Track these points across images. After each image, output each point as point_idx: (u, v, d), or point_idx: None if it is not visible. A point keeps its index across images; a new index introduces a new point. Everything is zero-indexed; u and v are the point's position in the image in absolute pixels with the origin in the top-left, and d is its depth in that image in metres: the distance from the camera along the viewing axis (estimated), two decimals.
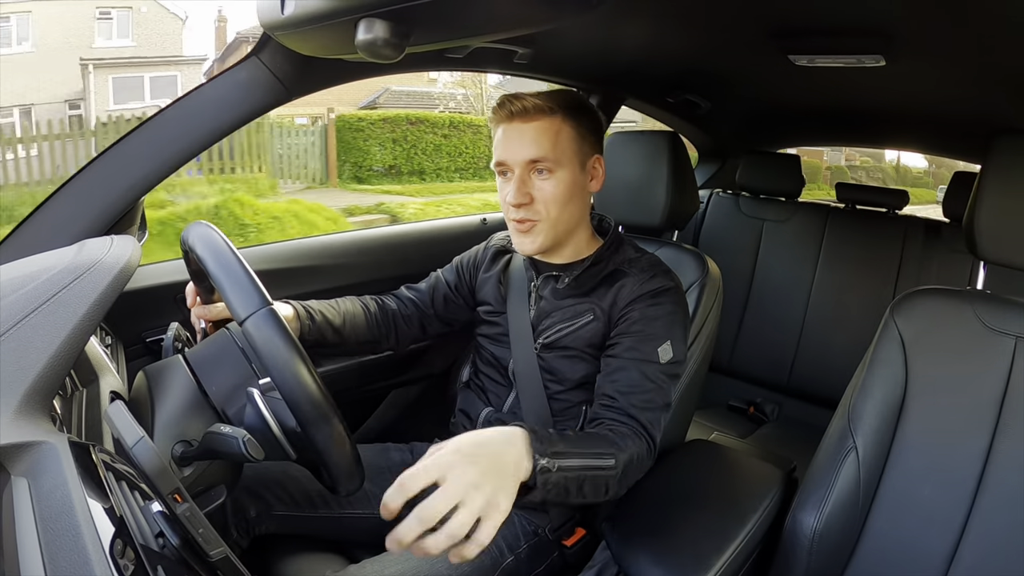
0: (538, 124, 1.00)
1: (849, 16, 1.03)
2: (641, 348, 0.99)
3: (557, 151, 1.00)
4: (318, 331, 1.08)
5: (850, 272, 2.09)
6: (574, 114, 1.03)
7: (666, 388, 0.98)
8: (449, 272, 1.27)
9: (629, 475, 0.88)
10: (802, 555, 0.97)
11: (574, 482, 0.79)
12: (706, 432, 1.97)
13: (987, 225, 0.95)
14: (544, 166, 1.01)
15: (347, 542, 1.14)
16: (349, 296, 1.21)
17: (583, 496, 0.82)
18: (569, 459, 0.78)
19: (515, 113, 1.01)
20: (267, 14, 0.83)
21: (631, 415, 0.93)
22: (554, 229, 1.04)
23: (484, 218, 1.92)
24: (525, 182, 1.01)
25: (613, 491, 0.87)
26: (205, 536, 0.56)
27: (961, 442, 0.95)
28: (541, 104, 1.00)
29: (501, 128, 1.03)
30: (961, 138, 1.94)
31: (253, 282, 0.69)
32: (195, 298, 0.97)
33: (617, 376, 0.98)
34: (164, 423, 0.73)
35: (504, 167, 1.03)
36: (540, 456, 0.74)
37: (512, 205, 1.02)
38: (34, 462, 0.52)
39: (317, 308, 1.10)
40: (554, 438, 0.78)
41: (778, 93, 1.79)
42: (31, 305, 0.61)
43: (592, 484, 0.82)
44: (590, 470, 0.81)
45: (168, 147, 1.04)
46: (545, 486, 0.75)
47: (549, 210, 1.02)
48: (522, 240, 1.05)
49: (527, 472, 0.73)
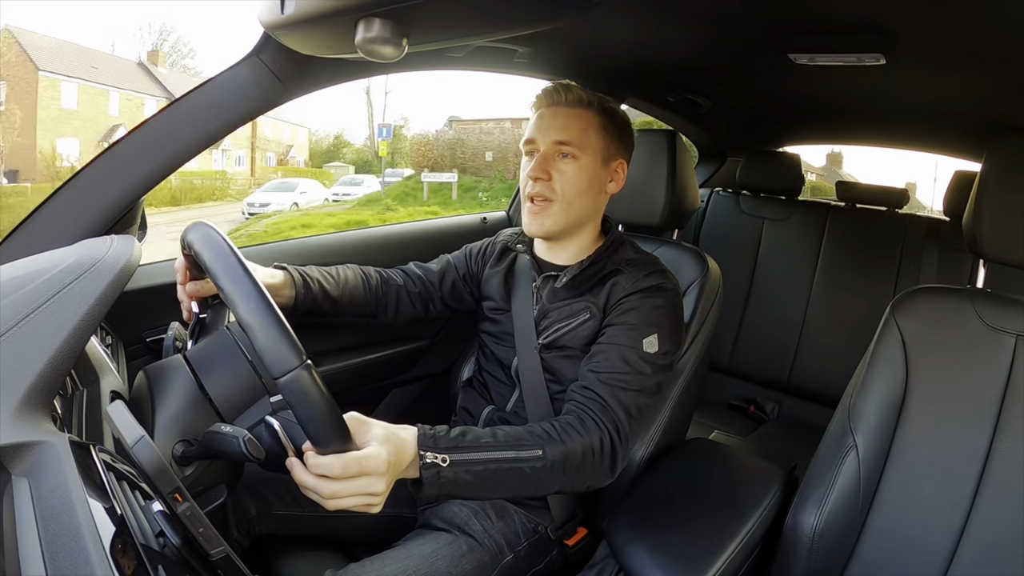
0: (572, 112, 1.06)
1: (849, 15, 1.03)
2: (626, 335, 0.99)
3: (583, 139, 1.05)
4: (312, 299, 1.08)
5: (850, 271, 2.09)
6: (607, 115, 1.09)
7: (646, 375, 0.97)
8: (459, 258, 1.28)
9: (583, 465, 0.88)
10: (802, 554, 0.97)
11: (481, 476, 0.79)
12: (706, 431, 1.97)
13: (987, 223, 0.95)
14: (569, 150, 1.05)
15: (347, 541, 1.14)
16: (352, 264, 1.21)
17: (508, 488, 0.83)
18: (467, 453, 0.79)
19: (556, 100, 1.07)
20: (267, 13, 0.83)
21: (598, 396, 0.93)
22: (566, 214, 1.06)
23: (484, 217, 1.93)
24: (548, 159, 1.06)
25: (561, 481, 0.87)
26: (206, 535, 0.56)
27: (961, 440, 0.95)
28: (581, 95, 1.07)
29: (539, 112, 1.09)
30: (961, 136, 1.94)
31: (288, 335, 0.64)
32: (186, 275, 0.91)
33: (596, 359, 0.99)
34: (165, 422, 0.73)
35: (532, 145, 1.08)
36: (425, 451, 0.76)
37: (531, 178, 1.06)
38: (35, 462, 0.52)
39: (315, 276, 1.10)
40: (449, 436, 0.80)
41: (778, 92, 1.78)
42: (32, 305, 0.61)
43: (511, 477, 0.82)
44: (503, 461, 0.81)
45: (168, 147, 1.03)
46: (438, 481, 0.76)
47: (565, 192, 1.05)
48: (531, 221, 1.07)
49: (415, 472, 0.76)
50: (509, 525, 1.07)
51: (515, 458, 0.82)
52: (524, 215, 1.09)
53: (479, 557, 1.01)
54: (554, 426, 0.89)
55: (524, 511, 1.10)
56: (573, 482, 0.88)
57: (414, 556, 0.97)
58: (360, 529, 1.13)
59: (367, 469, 0.68)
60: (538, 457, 0.84)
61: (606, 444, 0.90)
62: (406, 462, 0.75)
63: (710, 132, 2.30)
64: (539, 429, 0.88)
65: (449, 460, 0.77)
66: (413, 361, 1.62)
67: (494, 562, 1.03)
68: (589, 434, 0.89)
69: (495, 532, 1.05)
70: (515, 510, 1.09)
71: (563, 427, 0.89)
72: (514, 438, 0.85)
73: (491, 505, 1.08)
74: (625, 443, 0.93)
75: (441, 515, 1.07)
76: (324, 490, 0.67)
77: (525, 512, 1.10)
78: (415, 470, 0.76)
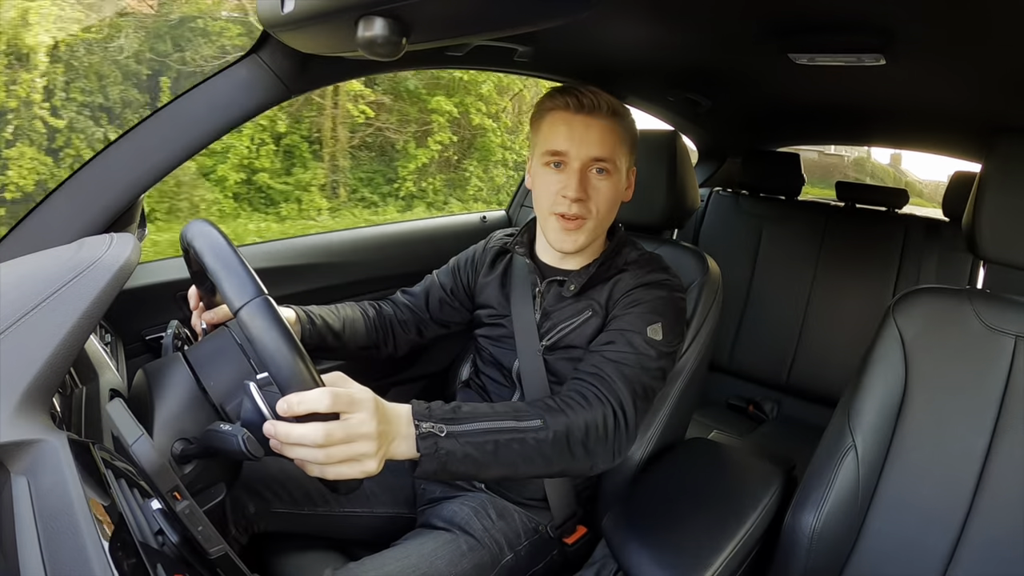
0: (605, 124, 1.01)
1: (849, 15, 1.03)
2: (630, 323, 0.97)
3: (616, 154, 1.02)
4: (319, 335, 1.08)
5: (850, 271, 2.09)
6: (624, 123, 1.04)
7: (651, 356, 0.95)
8: (445, 275, 1.26)
9: (588, 440, 0.84)
10: (801, 554, 0.97)
11: (481, 447, 0.76)
12: (705, 431, 1.97)
13: (987, 224, 0.95)
14: (604, 166, 1.01)
15: (346, 540, 1.14)
16: (349, 302, 1.21)
17: (509, 463, 0.78)
18: (465, 424, 0.76)
19: (586, 107, 1.00)
20: (267, 11, 0.83)
21: (601, 372, 0.91)
22: (596, 230, 1.05)
23: (484, 216, 1.93)
24: (585, 177, 1.01)
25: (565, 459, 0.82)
26: (204, 534, 0.56)
27: (961, 441, 0.95)
28: (614, 105, 1.01)
29: (563, 117, 1.01)
30: (961, 137, 1.94)
31: (248, 272, 0.69)
32: (198, 301, 0.96)
33: (602, 342, 0.97)
34: (163, 421, 0.73)
35: (562, 157, 1.01)
36: (422, 421, 0.73)
37: (571, 200, 1.00)
38: (34, 460, 0.52)
39: (318, 312, 1.10)
40: (445, 407, 0.77)
41: (778, 92, 1.78)
42: (31, 303, 0.61)
43: (512, 449, 0.78)
44: (503, 432, 0.78)
45: (168, 145, 1.03)
46: (436, 453, 0.73)
47: (600, 209, 1.03)
48: (565, 237, 1.03)
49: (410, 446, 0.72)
50: (510, 524, 1.07)
51: (514, 428, 0.79)
52: (553, 231, 1.04)
53: (479, 556, 1.01)
54: (555, 399, 0.87)
55: (524, 510, 1.10)
56: (578, 460, 0.84)
57: (413, 555, 0.97)
58: (359, 528, 1.13)
59: (353, 434, 0.65)
60: (539, 427, 0.81)
61: (609, 420, 0.87)
62: (398, 433, 0.72)
63: (710, 132, 2.30)
64: (539, 402, 0.86)
65: (447, 431, 0.74)
66: (412, 360, 1.62)
67: (494, 561, 1.02)
68: (591, 408, 0.86)
69: (495, 531, 1.05)
70: (515, 509, 1.09)
71: (564, 400, 0.87)
72: (513, 408, 0.82)
73: (492, 504, 1.08)
74: (630, 421, 0.89)
75: (441, 514, 1.07)
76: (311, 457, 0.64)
77: (526, 511, 1.10)
78: (411, 446, 0.72)
